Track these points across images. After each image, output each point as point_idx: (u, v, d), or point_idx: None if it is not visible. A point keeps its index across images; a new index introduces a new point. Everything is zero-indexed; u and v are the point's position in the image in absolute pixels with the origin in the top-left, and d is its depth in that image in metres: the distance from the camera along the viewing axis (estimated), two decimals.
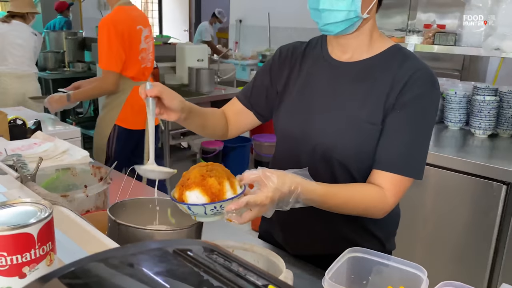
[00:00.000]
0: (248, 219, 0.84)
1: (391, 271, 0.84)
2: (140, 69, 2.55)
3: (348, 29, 1.02)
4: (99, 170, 1.25)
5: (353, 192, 1.01)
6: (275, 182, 0.83)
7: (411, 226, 2.16)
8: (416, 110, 1.02)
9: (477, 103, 2.29)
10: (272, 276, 0.37)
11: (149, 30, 2.60)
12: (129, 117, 2.54)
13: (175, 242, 0.39)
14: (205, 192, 0.80)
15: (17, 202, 0.57)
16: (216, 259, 0.37)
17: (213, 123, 1.19)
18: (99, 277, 0.34)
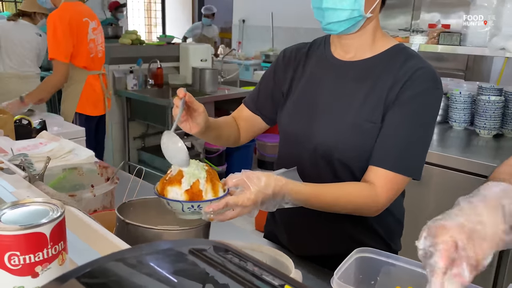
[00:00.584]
0: (229, 218, 0.85)
1: (399, 271, 0.84)
2: (90, 58, 2.76)
3: (351, 28, 1.02)
4: (105, 169, 1.25)
5: (342, 192, 1.00)
6: (258, 185, 0.84)
7: (416, 227, 2.15)
8: (415, 107, 1.01)
9: (482, 103, 2.29)
10: (288, 276, 0.37)
11: (96, 23, 2.82)
12: (87, 105, 2.79)
13: (189, 242, 0.39)
14: (185, 190, 0.81)
15: (29, 201, 0.58)
16: (231, 258, 0.37)
17: (227, 133, 1.20)
18: (117, 276, 0.34)
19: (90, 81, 2.79)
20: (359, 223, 1.12)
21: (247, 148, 4.13)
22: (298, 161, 1.11)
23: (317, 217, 1.09)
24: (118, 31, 4.97)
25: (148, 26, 8.62)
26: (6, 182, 0.94)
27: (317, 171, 1.09)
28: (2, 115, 1.87)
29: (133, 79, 3.78)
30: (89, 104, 2.80)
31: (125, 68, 3.83)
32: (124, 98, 3.83)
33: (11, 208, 0.56)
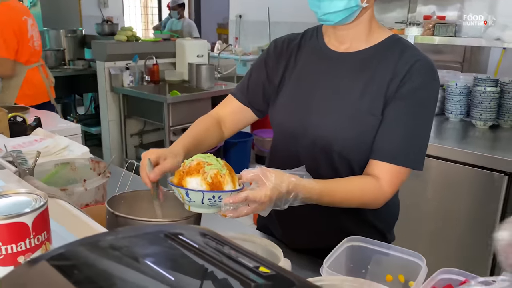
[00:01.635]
0: (244, 214, 0.84)
1: (390, 260, 0.84)
2: (30, 53, 2.90)
3: (347, 18, 1.01)
4: (98, 164, 1.25)
5: (350, 187, 1.00)
6: (274, 181, 0.83)
7: (413, 218, 2.16)
8: (416, 100, 1.01)
9: (478, 94, 2.28)
10: (264, 258, 0.37)
11: (32, 19, 2.96)
12: (27, 96, 2.89)
13: (167, 227, 0.39)
14: (206, 181, 0.79)
15: (12, 192, 0.57)
16: (208, 242, 0.37)
17: (209, 143, 1.16)
18: (88, 259, 0.34)
19: (29, 74, 2.94)
20: (353, 215, 1.12)
21: (245, 144, 4.13)
22: (295, 155, 1.10)
23: (310, 210, 1.09)
24: (114, 28, 4.95)
25: (144, 23, 8.59)
26: None
27: (315, 164, 1.08)
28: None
29: (129, 76, 3.77)
30: (29, 96, 2.93)
31: (121, 65, 3.82)
32: (121, 95, 3.82)
33: None
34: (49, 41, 4.94)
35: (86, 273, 0.32)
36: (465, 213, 2.03)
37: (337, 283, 0.65)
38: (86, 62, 4.75)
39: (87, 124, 4.61)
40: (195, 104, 3.60)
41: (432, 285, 0.74)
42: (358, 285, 0.66)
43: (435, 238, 2.14)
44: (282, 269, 0.35)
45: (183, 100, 3.55)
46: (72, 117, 4.77)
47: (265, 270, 0.34)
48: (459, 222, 2.05)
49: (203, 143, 1.13)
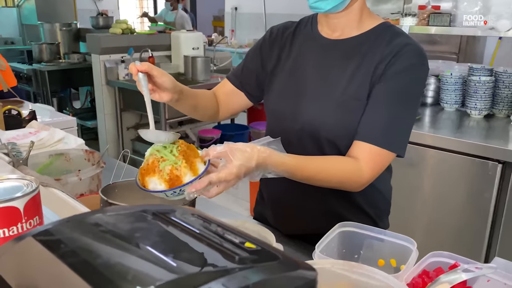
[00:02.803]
0: (215, 194, 0.84)
1: (382, 245, 0.85)
2: None
3: (338, 6, 1.01)
4: (92, 155, 1.25)
5: (326, 164, 0.99)
6: (241, 158, 0.82)
7: (408, 207, 2.18)
8: (401, 83, 1.00)
9: (473, 84, 2.29)
10: (250, 235, 0.37)
11: None
12: None
13: (156, 207, 0.40)
14: (163, 179, 0.80)
15: (3, 178, 0.58)
16: (195, 221, 0.38)
17: (204, 104, 1.18)
18: (73, 235, 0.34)
19: None
20: (346, 201, 1.12)
21: (241, 136, 4.13)
22: (285, 140, 1.10)
23: (304, 196, 1.10)
24: (109, 21, 4.93)
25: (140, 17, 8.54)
26: None
27: (304, 150, 1.09)
28: None
29: (125, 69, 3.76)
30: None
31: (116, 58, 3.81)
32: (116, 88, 3.81)
33: None
34: (44, 34, 4.92)
35: (71, 247, 0.33)
36: (460, 202, 2.04)
37: (327, 266, 0.66)
38: (81, 56, 4.73)
39: (83, 118, 4.60)
40: None
41: (423, 268, 0.75)
42: (348, 268, 0.66)
43: (430, 227, 2.15)
44: (267, 245, 0.36)
45: None
46: (68, 111, 4.75)
47: (251, 246, 0.35)
48: (454, 211, 2.06)
49: (200, 100, 1.14)
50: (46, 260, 0.31)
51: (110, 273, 0.28)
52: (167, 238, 0.35)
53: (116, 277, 0.28)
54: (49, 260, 0.31)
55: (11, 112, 2.03)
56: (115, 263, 0.30)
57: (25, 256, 0.32)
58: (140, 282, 0.27)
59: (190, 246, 0.33)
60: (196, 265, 0.30)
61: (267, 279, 0.29)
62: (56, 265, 0.30)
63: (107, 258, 0.31)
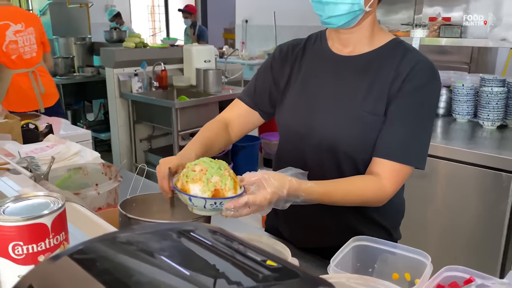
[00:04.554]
0: (244, 214, 0.87)
1: (396, 259, 0.85)
2: (12, 60, 2.98)
3: (350, 22, 1.03)
4: (109, 169, 1.28)
5: (351, 187, 1.02)
6: (274, 186, 0.86)
7: (421, 219, 2.17)
8: (417, 100, 1.03)
9: (485, 95, 2.28)
10: (271, 253, 0.39)
11: (23, 25, 3.03)
12: (14, 102, 2.99)
13: (180, 224, 0.42)
14: (208, 188, 0.82)
15: (31, 195, 0.60)
16: (218, 238, 0.39)
17: (218, 146, 1.18)
18: (106, 253, 0.36)
19: (16, 79, 3.00)
20: (359, 214, 1.14)
21: (253, 147, 4.15)
22: (301, 156, 1.13)
23: (317, 209, 1.11)
24: (122, 35, 5.02)
25: (152, 30, 8.68)
26: (12, 182, 0.97)
27: (321, 165, 1.11)
28: (10, 120, 1.91)
29: (138, 82, 3.82)
30: (16, 101, 3.00)
31: (130, 71, 3.87)
32: (130, 101, 3.87)
33: (14, 201, 0.59)
34: (59, 48, 5.02)
35: (105, 266, 0.35)
36: (473, 214, 2.03)
37: (343, 280, 0.67)
38: (95, 69, 4.82)
39: (96, 130, 4.67)
40: (203, 108, 3.64)
41: (437, 282, 0.75)
42: (363, 282, 0.67)
43: (443, 239, 2.14)
44: (288, 263, 0.38)
45: (191, 105, 3.59)
46: (81, 123, 4.83)
47: (272, 264, 0.36)
48: (468, 223, 2.05)
49: (213, 148, 1.15)
50: (82, 279, 0.33)
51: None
52: (194, 257, 0.36)
53: None
54: (84, 279, 0.33)
55: (29, 126, 2.08)
56: (148, 281, 0.32)
57: (62, 275, 0.34)
58: None
59: (216, 264, 0.35)
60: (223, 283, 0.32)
61: None
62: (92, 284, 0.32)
63: (140, 276, 0.33)
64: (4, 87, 2.97)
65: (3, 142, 1.65)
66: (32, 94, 3.06)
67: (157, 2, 8.72)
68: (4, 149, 1.54)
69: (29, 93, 3.06)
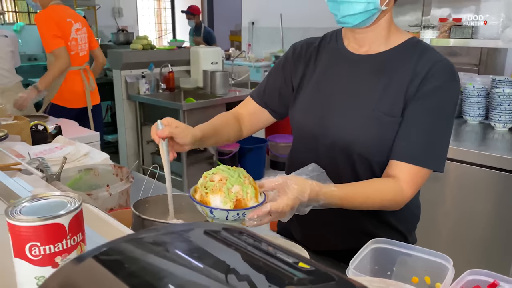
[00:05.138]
0: (266, 222, 0.84)
1: (415, 261, 0.83)
2: (70, 56, 3.02)
3: (366, 21, 1.01)
4: (121, 170, 1.27)
5: (371, 190, 1.00)
6: (295, 192, 0.84)
7: (433, 221, 2.14)
8: (435, 101, 1.01)
9: (497, 96, 2.26)
10: (301, 255, 0.37)
11: (80, 24, 3.12)
12: (64, 97, 3.08)
13: (205, 225, 0.40)
14: (229, 198, 0.78)
15: (47, 195, 0.59)
16: (246, 239, 0.38)
17: (227, 135, 1.18)
18: (131, 254, 0.35)
19: (70, 76, 3.07)
20: (374, 217, 1.12)
21: (260, 149, 4.14)
22: (315, 156, 1.11)
23: (332, 212, 1.09)
24: (129, 37, 5.03)
25: (158, 32, 8.71)
26: (25, 182, 0.96)
27: (335, 166, 1.09)
28: (19, 121, 1.91)
29: (145, 84, 3.82)
30: (66, 97, 3.08)
31: (137, 73, 3.87)
32: (137, 102, 3.87)
33: (30, 201, 0.58)
34: None
35: (131, 268, 0.33)
36: (485, 216, 2.00)
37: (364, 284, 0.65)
38: (102, 71, 4.82)
39: (104, 132, 4.67)
40: (210, 110, 3.63)
41: (460, 286, 0.73)
42: (385, 286, 0.66)
43: (455, 241, 2.11)
44: (320, 265, 0.36)
45: (198, 106, 3.58)
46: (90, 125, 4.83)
47: (305, 266, 0.35)
48: (480, 225, 2.02)
49: (221, 134, 1.15)
50: (108, 281, 0.32)
51: None
52: (224, 258, 0.35)
53: None
54: (111, 282, 0.31)
55: (38, 127, 2.08)
56: (176, 283, 0.31)
57: (87, 278, 0.33)
58: None
59: (249, 266, 0.34)
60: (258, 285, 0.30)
61: None
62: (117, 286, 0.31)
63: (170, 278, 0.31)
64: (58, 82, 3.05)
65: (13, 143, 1.64)
66: (82, 91, 3.15)
67: (163, 5, 8.75)
68: (14, 150, 1.53)
69: (80, 90, 3.15)
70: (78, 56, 3.12)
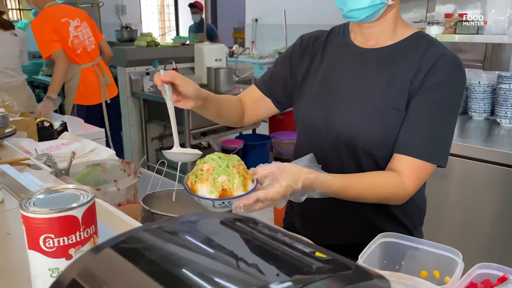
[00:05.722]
0: (257, 209, 0.84)
1: (424, 256, 0.83)
2: (77, 54, 3.08)
3: (373, 15, 1.01)
4: (128, 165, 1.28)
5: (370, 182, 0.99)
6: (289, 179, 0.83)
7: (439, 217, 2.14)
8: (440, 95, 1.00)
9: (503, 92, 2.24)
10: (317, 245, 0.37)
11: (79, 20, 3.11)
12: (85, 96, 3.13)
13: (221, 215, 0.40)
14: (215, 188, 0.80)
15: (61, 188, 0.60)
16: (262, 230, 0.38)
17: (229, 110, 1.18)
18: (149, 244, 0.35)
19: (85, 74, 3.11)
20: (380, 212, 1.11)
21: (264, 146, 4.14)
22: (319, 150, 1.10)
23: (337, 206, 1.09)
24: (133, 34, 5.03)
25: (161, 29, 8.71)
26: (34, 177, 0.97)
27: (340, 160, 1.09)
28: (25, 118, 1.92)
29: (150, 81, 3.82)
30: (86, 95, 3.13)
31: (141, 70, 3.88)
32: (141, 100, 3.88)
33: (44, 193, 0.58)
34: None
35: (149, 257, 0.33)
36: (491, 212, 2.00)
37: None
38: None
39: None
40: None
41: (470, 280, 0.73)
42: (396, 279, 0.66)
43: (461, 237, 2.11)
44: (336, 255, 0.36)
45: None
46: None
47: (322, 255, 0.35)
48: (486, 221, 2.02)
49: (224, 108, 1.15)
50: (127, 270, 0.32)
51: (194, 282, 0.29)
52: (242, 247, 0.35)
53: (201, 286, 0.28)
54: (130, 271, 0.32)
55: (44, 124, 2.09)
56: (197, 272, 0.31)
57: (105, 267, 0.33)
58: None
59: (266, 255, 0.34)
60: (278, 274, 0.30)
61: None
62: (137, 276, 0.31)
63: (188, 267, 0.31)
64: (75, 83, 3.11)
65: (19, 140, 1.65)
66: (98, 87, 3.19)
67: (167, 2, 8.74)
68: (21, 146, 1.54)
69: (97, 86, 3.18)
70: (87, 52, 3.14)
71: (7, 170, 1.00)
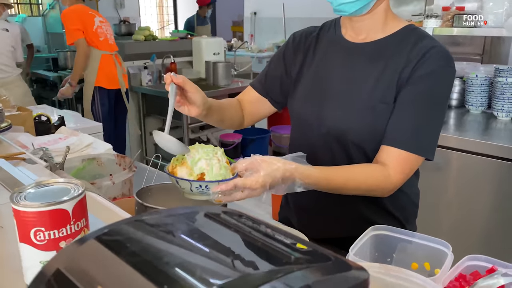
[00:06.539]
0: (237, 199, 0.85)
1: (415, 248, 0.84)
2: (100, 41, 3.32)
3: (362, 9, 1.01)
4: (124, 159, 1.28)
5: (353, 173, 0.99)
6: (267, 169, 0.84)
7: (435, 210, 2.15)
8: (428, 86, 0.99)
9: (499, 85, 2.25)
10: (298, 237, 0.38)
11: (103, 19, 3.44)
12: (104, 79, 3.34)
13: (205, 208, 0.41)
14: (194, 171, 0.82)
15: (52, 182, 0.60)
16: (245, 222, 0.39)
17: (231, 116, 1.19)
18: (132, 235, 0.36)
19: (104, 59, 3.31)
20: (373, 205, 1.12)
21: (263, 140, 4.14)
22: (311, 145, 1.11)
23: (331, 200, 1.09)
24: (131, 28, 5.02)
25: (160, 23, 8.68)
26: (29, 171, 0.98)
27: (331, 154, 1.10)
28: (22, 112, 1.92)
29: (148, 75, 3.82)
30: (105, 78, 3.34)
31: (139, 64, 3.88)
32: (140, 94, 3.88)
33: (35, 187, 0.59)
34: None
35: (132, 249, 0.34)
36: (487, 205, 2.01)
37: None
38: None
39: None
40: None
41: (459, 271, 0.74)
42: (385, 271, 0.66)
43: (456, 230, 2.12)
44: (318, 247, 0.37)
45: None
46: None
47: (302, 247, 0.35)
48: (482, 215, 2.03)
49: (226, 113, 1.16)
50: (110, 261, 0.33)
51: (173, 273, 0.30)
52: (223, 239, 0.36)
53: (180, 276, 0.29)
54: (113, 261, 0.32)
55: (41, 118, 2.09)
56: (177, 263, 0.32)
57: (89, 258, 0.34)
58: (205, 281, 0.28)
59: (247, 246, 0.34)
60: (256, 265, 0.31)
61: (326, 279, 0.30)
62: (120, 266, 0.32)
63: (170, 258, 0.32)
64: (95, 65, 3.30)
65: (16, 134, 1.66)
66: (116, 74, 3.38)
67: None
68: (18, 140, 1.55)
69: (114, 73, 3.38)
70: (108, 42, 3.36)
71: (2, 165, 1.00)
